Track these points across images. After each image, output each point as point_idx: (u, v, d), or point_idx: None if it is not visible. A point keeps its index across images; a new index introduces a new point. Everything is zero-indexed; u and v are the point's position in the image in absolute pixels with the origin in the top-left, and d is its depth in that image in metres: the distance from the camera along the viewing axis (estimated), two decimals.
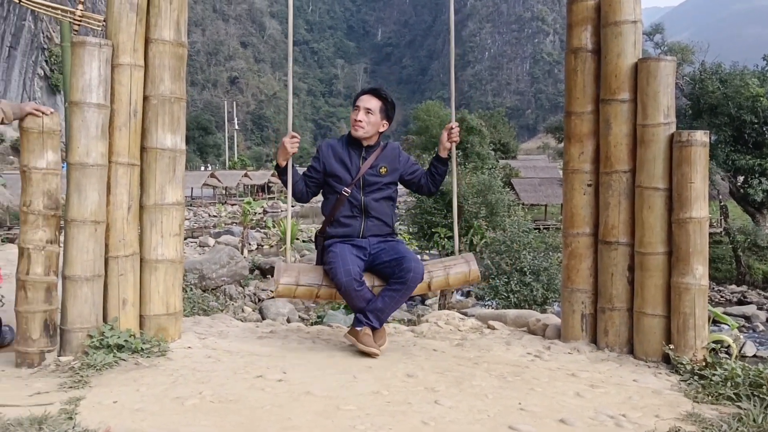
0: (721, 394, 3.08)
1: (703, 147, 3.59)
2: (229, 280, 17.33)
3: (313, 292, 3.86)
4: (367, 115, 3.88)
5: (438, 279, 3.98)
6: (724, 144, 22.05)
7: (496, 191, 19.23)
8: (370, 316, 3.73)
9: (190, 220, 37.39)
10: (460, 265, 4.02)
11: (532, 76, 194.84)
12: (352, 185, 3.87)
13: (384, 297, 3.74)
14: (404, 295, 3.75)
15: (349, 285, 3.64)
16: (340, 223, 3.89)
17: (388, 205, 3.98)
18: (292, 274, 3.85)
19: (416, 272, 3.70)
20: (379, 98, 3.92)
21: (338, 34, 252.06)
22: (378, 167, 3.92)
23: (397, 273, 3.70)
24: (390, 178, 3.96)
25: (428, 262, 4.06)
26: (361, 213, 3.89)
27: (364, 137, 3.92)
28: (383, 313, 3.75)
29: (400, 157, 4.04)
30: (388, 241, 3.94)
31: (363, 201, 3.87)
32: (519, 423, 2.68)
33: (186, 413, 2.75)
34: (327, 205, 3.98)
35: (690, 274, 3.56)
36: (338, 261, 3.67)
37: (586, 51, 3.99)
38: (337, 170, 3.90)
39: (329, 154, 3.94)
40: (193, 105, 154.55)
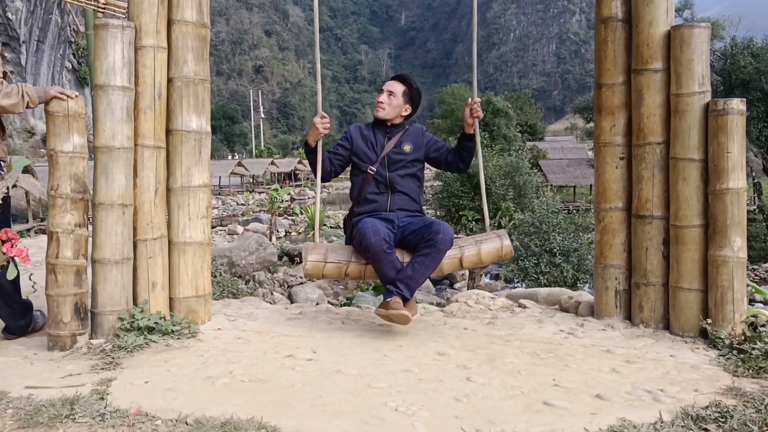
0: (762, 367, 2.99)
1: (740, 115, 3.47)
2: (259, 267, 17.43)
3: (341, 269, 3.79)
4: (389, 98, 4.00)
5: (470, 254, 3.86)
6: (757, 120, 21.53)
7: (523, 173, 19.03)
8: (399, 285, 3.63)
9: (218, 208, 37.72)
10: (493, 240, 3.92)
11: (559, 57, 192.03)
12: (378, 163, 3.94)
13: (414, 264, 3.65)
14: (434, 259, 3.64)
15: (379, 246, 3.56)
16: (367, 200, 3.95)
17: (413, 182, 4.01)
18: (320, 252, 3.82)
19: (445, 233, 3.62)
20: (403, 83, 4.04)
21: (362, 19, 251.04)
22: (402, 145, 3.98)
23: (426, 236, 3.65)
24: (414, 156, 3.99)
25: (459, 239, 3.97)
26: (387, 188, 3.93)
27: (386, 118, 4.01)
28: (413, 280, 3.64)
29: (424, 136, 4.09)
30: (416, 215, 3.95)
31: (388, 177, 3.93)
32: (554, 399, 2.63)
33: (217, 392, 2.75)
34: (354, 187, 4.05)
35: (728, 246, 3.46)
36: (367, 226, 3.65)
37: (617, 20, 3.88)
38: (363, 149, 4.00)
39: (357, 135, 4.05)
40: (219, 95, 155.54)
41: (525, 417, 2.44)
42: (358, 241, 3.70)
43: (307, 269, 3.79)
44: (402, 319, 3.55)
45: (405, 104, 4.03)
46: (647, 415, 2.45)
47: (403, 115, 4.06)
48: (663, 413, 2.46)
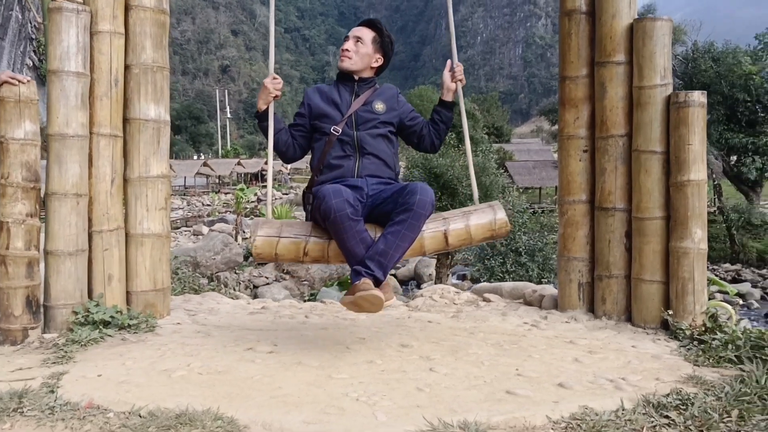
0: (722, 357, 3.01)
1: (701, 107, 3.50)
2: (224, 267, 17.23)
3: (299, 246, 3.05)
4: (356, 45, 3.33)
5: (457, 229, 3.16)
6: (718, 123, 22.01)
7: (490, 174, 19.11)
8: (370, 264, 2.89)
9: (183, 209, 37.22)
10: (484, 211, 3.23)
11: (525, 60, 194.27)
12: (343, 123, 3.25)
13: (386, 236, 2.92)
14: (412, 227, 2.92)
15: (341, 209, 2.83)
16: (330, 166, 3.23)
17: (386, 144, 3.30)
18: (274, 226, 3.11)
19: (423, 194, 2.92)
20: (372, 28, 3.39)
21: (329, 20, 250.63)
22: (372, 104, 3.32)
23: (400, 201, 2.95)
24: (387, 117, 3.32)
25: (444, 211, 3.35)
26: (354, 150, 3.23)
27: (352, 69, 3.33)
28: (386, 256, 2.90)
29: (399, 98, 3.46)
30: (390, 182, 3.26)
31: (356, 136, 3.23)
32: (516, 388, 2.61)
33: (173, 385, 2.66)
34: (315, 153, 3.33)
35: (689, 238, 3.49)
36: (329, 191, 2.91)
37: (580, 13, 3.89)
38: (325, 109, 3.30)
39: (315, 95, 3.38)
40: (184, 94, 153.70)
41: (487, 406, 2.41)
42: (317, 208, 2.97)
43: (256, 246, 3.06)
44: (373, 303, 2.80)
45: (375, 53, 3.37)
46: (609, 402, 2.44)
47: (373, 67, 3.39)
48: (624, 401, 2.45)
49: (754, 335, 3.10)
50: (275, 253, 3.06)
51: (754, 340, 3.05)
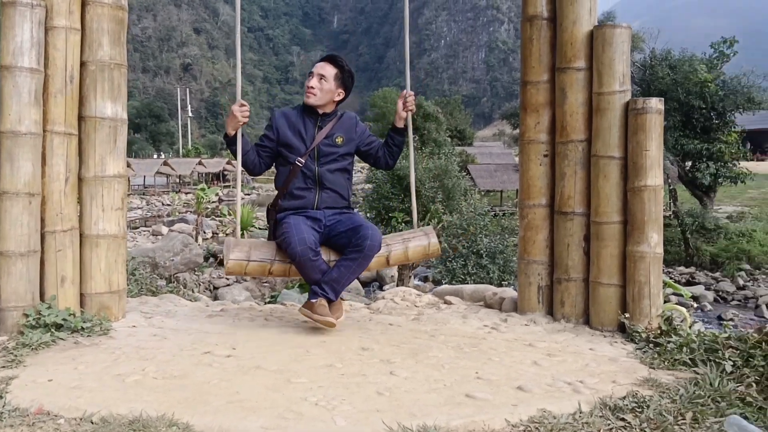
0: (677, 359, 3.07)
1: (658, 114, 3.57)
2: (183, 268, 16.97)
3: (265, 267, 3.60)
4: (320, 82, 3.69)
5: (397, 252, 3.77)
6: (674, 129, 22.49)
7: (452, 176, 19.23)
8: (325, 287, 3.54)
9: (142, 209, 36.58)
10: (420, 237, 3.85)
11: (488, 65, 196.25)
12: (306, 155, 3.66)
13: (340, 267, 3.54)
14: (361, 264, 3.54)
15: (305, 254, 3.42)
16: (293, 195, 3.69)
17: (343, 178, 3.78)
18: (243, 250, 3.61)
19: (373, 240, 3.50)
20: (334, 65, 3.74)
21: (294, 21, 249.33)
22: (334, 137, 3.72)
23: (353, 241, 3.51)
24: (346, 149, 3.76)
25: (386, 236, 3.87)
26: (315, 184, 3.69)
27: (317, 104, 3.71)
28: (339, 283, 3.56)
29: (357, 127, 3.85)
30: (344, 212, 3.76)
31: (317, 172, 3.68)
32: (476, 391, 2.62)
33: (127, 390, 2.60)
34: (279, 177, 3.77)
35: (645, 242, 3.55)
36: (292, 231, 3.46)
37: (542, 19, 3.93)
38: (291, 139, 3.69)
39: (283, 123, 3.73)
40: (145, 92, 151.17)
41: (447, 409, 2.41)
42: (283, 246, 3.52)
43: (229, 267, 3.56)
44: (327, 325, 3.50)
45: (337, 89, 3.74)
46: (567, 405, 2.47)
47: (335, 101, 3.78)
48: (582, 404, 2.48)
49: (708, 338, 3.17)
50: (245, 272, 3.60)
51: (707, 342, 3.12)
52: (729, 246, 20.99)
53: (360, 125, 3.89)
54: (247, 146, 3.71)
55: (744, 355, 2.92)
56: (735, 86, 22.17)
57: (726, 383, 2.68)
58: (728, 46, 23.03)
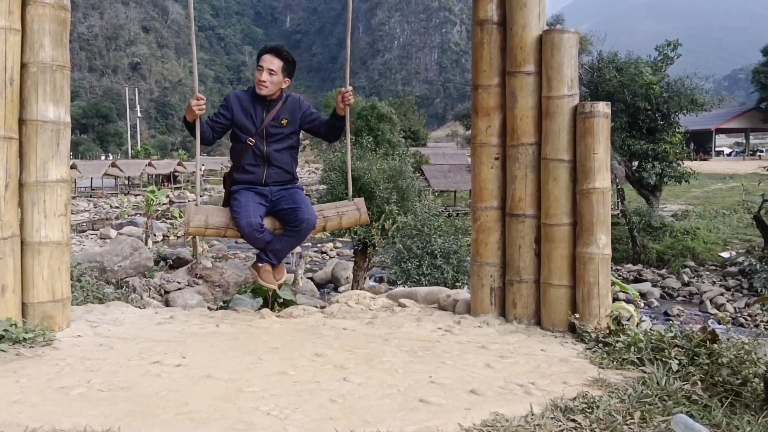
0: (625, 359, 3.13)
1: (606, 118, 3.63)
2: (133, 273, 16.58)
3: (221, 232, 4.17)
4: (270, 76, 4.07)
5: (332, 221, 4.36)
6: (621, 130, 23.03)
7: (406, 177, 19.29)
8: (269, 255, 4.19)
9: (89, 211, 35.66)
10: (352, 209, 4.44)
11: (441, 66, 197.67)
12: (256, 135, 4.12)
13: (282, 240, 4.16)
14: (298, 239, 4.22)
15: (251, 233, 4.03)
16: (245, 170, 4.16)
17: (289, 154, 4.26)
18: (202, 217, 4.10)
19: (308, 223, 4.08)
20: (280, 58, 4.12)
21: (245, 20, 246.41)
22: (280, 119, 4.16)
23: (292, 222, 4.09)
24: (291, 128, 4.22)
25: (323, 205, 4.47)
26: (263, 162, 4.15)
27: (268, 95, 4.12)
28: (281, 252, 4.24)
29: (301, 106, 4.27)
30: (288, 188, 4.23)
31: (265, 151, 4.14)
32: (429, 396, 2.61)
33: (71, 403, 2.51)
34: (234, 151, 4.27)
35: (594, 243, 3.61)
36: (241, 211, 4.01)
37: (492, 23, 3.96)
38: (243, 121, 4.14)
39: (237, 105, 4.17)
40: (91, 92, 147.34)
41: (401, 415, 2.41)
42: (233, 219, 4.07)
43: (189, 231, 4.16)
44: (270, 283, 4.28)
45: (284, 78, 4.14)
46: (519, 408, 2.49)
47: (282, 88, 4.19)
48: (534, 406, 2.50)
49: (655, 337, 3.24)
50: (204, 234, 4.25)
51: (654, 342, 3.19)
52: (674, 244, 21.63)
53: (303, 104, 4.32)
54: (203, 126, 4.09)
55: (689, 354, 3.00)
56: (679, 88, 22.87)
57: (672, 382, 2.74)
58: (672, 48, 23.69)
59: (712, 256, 20.84)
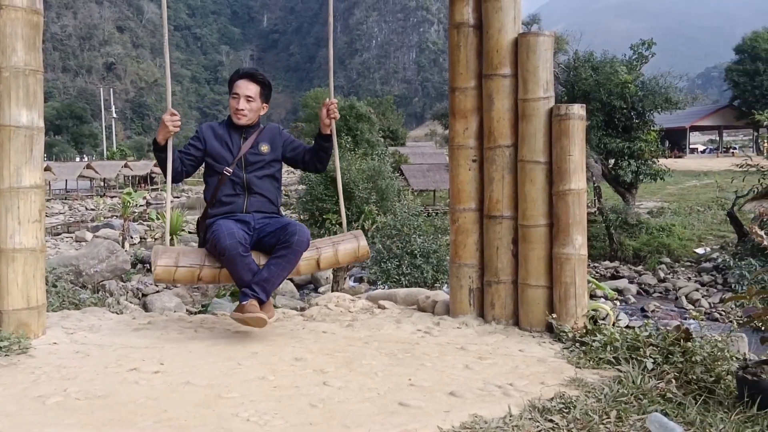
0: (602, 358, 3.17)
1: (581, 120, 3.68)
2: (110, 276, 16.38)
3: (194, 273, 3.62)
4: (248, 103, 3.79)
5: (327, 255, 3.83)
6: (597, 128, 23.27)
7: (386, 177, 19.31)
8: (255, 288, 3.54)
9: (64, 214, 35.20)
10: (349, 240, 3.92)
11: (419, 65, 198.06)
12: (234, 164, 3.77)
13: (270, 266, 3.58)
14: (291, 261, 3.59)
15: (234, 249, 3.45)
16: (222, 202, 3.76)
17: (271, 184, 3.88)
18: (171, 256, 3.61)
19: (301, 235, 3.57)
20: (256, 83, 3.84)
21: (222, 19, 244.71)
22: (259, 146, 3.83)
23: (282, 238, 3.58)
24: (272, 156, 3.87)
25: (316, 240, 3.94)
26: (243, 190, 3.77)
27: (248, 124, 3.84)
28: (269, 283, 3.57)
29: (281, 135, 3.97)
30: (273, 216, 3.83)
31: (245, 178, 3.77)
32: (409, 399, 2.63)
33: (48, 413, 2.49)
34: (208, 189, 3.85)
35: (570, 244, 3.65)
36: (222, 229, 3.52)
37: (468, 26, 3.99)
38: (218, 150, 3.80)
39: (210, 134, 3.84)
40: (65, 92, 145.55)
41: (380, 419, 2.42)
42: (212, 244, 3.56)
43: (157, 274, 3.57)
44: (258, 323, 3.48)
45: (262, 104, 3.90)
46: (497, 409, 2.51)
47: (260, 115, 3.92)
48: (512, 407, 2.53)
49: (630, 336, 3.29)
50: (173, 279, 3.62)
51: (630, 341, 3.24)
52: (650, 240, 21.89)
53: (284, 133, 4.01)
54: (173, 155, 3.73)
55: (664, 352, 3.05)
56: (653, 87, 23.14)
57: (647, 380, 2.78)
58: (646, 47, 23.97)
59: (687, 253, 21.12)
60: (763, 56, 45.49)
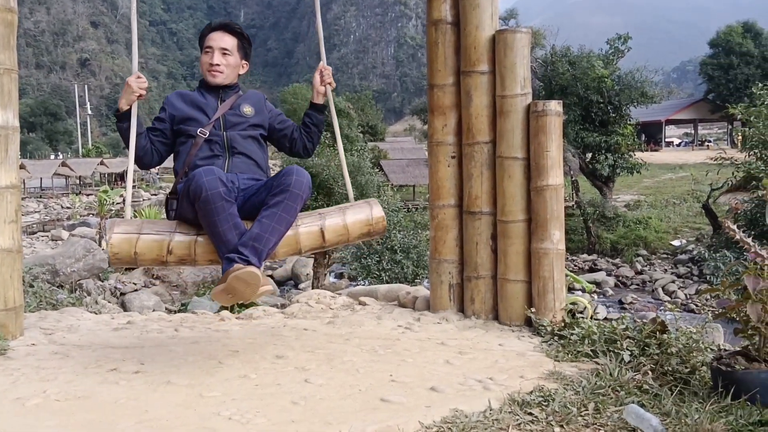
0: (580, 351, 3.22)
1: (558, 116, 3.71)
2: (87, 275, 16.19)
3: (162, 244, 2.85)
4: (224, 57, 3.19)
5: (334, 225, 3.11)
6: (574, 123, 23.46)
7: (365, 173, 19.32)
8: (244, 250, 2.74)
9: (40, 212, 34.75)
10: (361, 207, 3.23)
11: (397, 60, 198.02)
12: (210, 126, 3.12)
13: (261, 220, 2.80)
14: (288, 210, 2.82)
15: (214, 189, 2.70)
16: (196, 166, 3.02)
17: (257, 146, 3.24)
18: (133, 224, 2.90)
19: (299, 175, 2.87)
20: (233, 34, 3.23)
21: (198, 14, 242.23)
22: (240, 107, 3.23)
23: (275, 184, 2.88)
24: (256, 120, 3.25)
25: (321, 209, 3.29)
26: (224, 150, 3.11)
27: (226, 83, 3.23)
28: (262, 240, 2.76)
29: (266, 103, 3.40)
30: (259, 179, 3.15)
31: (226, 136, 3.13)
32: (390, 395, 2.65)
33: (27, 415, 2.47)
34: (180, 157, 3.16)
35: (548, 239, 3.70)
36: (200, 171, 2.78)
37: (446, 23, 4.00)
38: (190, 113, 3.16)
39: (177, 100, 3.23)
40: (39, 89, 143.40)
41: (362, 415, 2.44)
42: (186, 191, 2.83)
43: (113, 245, 2.81)
44: (249, 284, 2.65)
45: (241, 60, 3.29)
46: (478, 404, 2.54)
47: (239, 74, 3.33)
48: (492, 401, 2.55)
49: (607, 329, 3.33)
50: (134, 252, 2.81)
51: (607, 333, 3.28)
52: (627, 233, 22.15)
53: (269, 103, 3.43)
54: (141, 128, 3.12)
55: (640, 345, 3.10)
56: (629, 81, 23.37)
57: (624, 372, 2.83)
58: (622, 42, 24.18)
59: (663, 245, 21.41)
60: (736, 50, 46.18)
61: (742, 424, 2.33)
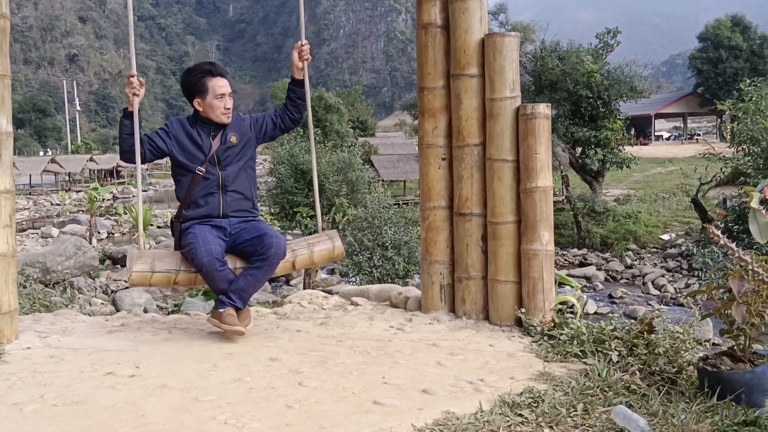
0: (569, 352, 3.28)
1: (546, 119, 3.77)
2: (78, 273, 16.19)
3: (170, 278, 3.65)
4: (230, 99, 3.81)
5: (302, 257, 3.90)
6: (564, 118, 23.55)
7: (356, 168, 19.35)
8: (232, 296, 3.62)
9: (29, 210, 34.58)
10: (324, 242, 3.99)
11: (387, 54, 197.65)
12: (206, 163, 3.73)
13: (246, 276, 3.65)
14: (267, 272, 3.68)
15: (211, 265, 3.51)
16: (197, 204, 3.73)
17: (247, 177, 3.86)
18: (147, 261, 3.61)
19: (278, 248, 3.62)
20: (226, 79, 3.82)
21: (187, 9, 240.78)
22: (227, 137, 3.79)
23: (258, 249, 3.62)
24: (242, 143, 3.84)
25: (291, 241, 4.02)
26: (218, 188, 3.74)
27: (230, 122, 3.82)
28: (246, 292, 3.67)
29: (243, 121, 3.93)
30: (249, 220, 3.83)
31: (220, 175, 3.74)
32: (383, 397, 2.70)
33: (25, 420, 2.51)
34: (181, 187, 3.80)
35: (537, 240, 3.75)
36: (198, 241, 3.55)
37: (436, 26, 4.04)
38: (189, 148, 3.75)
39: (180, 131, 3.79)
40: (27, 85, 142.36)
41: (355, 418, 2.48)
42: (189, 257, 3.60)
43: (132, 280, 3.58)
44: (237, 335, 3.58)
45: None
46: (469, 405, 2.59)
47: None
48: (483, 403, 2.61)
49: (596, 329, 3.40)
50: (149, 284, 3.63)
51: (596, 334, 3.35)
52: (617, 227, 22.28)
53: (244, 118, 3.96)
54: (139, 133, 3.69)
55: (628, 345, 3.17)
56: (619, 76, 23.46)
57: (613, 373, 2.89)
58: (612, 36, 24.26)
59: (653, 239, 21.55)
60: (725, 44, 46.46)
61: (728, 424, 2.39)
